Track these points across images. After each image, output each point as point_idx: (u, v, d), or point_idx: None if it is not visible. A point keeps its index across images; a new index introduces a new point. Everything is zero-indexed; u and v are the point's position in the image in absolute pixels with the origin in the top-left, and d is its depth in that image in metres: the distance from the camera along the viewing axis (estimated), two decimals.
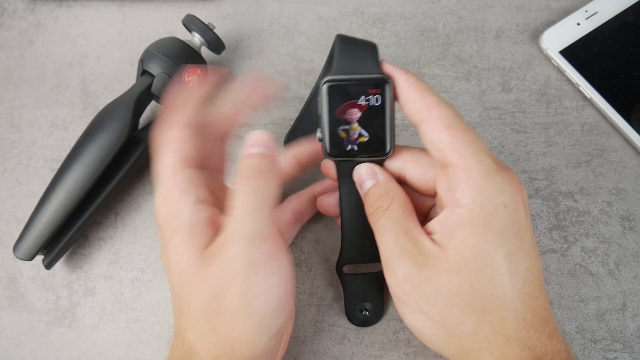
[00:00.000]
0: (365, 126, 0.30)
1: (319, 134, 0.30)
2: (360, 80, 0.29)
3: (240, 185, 0.27)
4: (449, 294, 0.26)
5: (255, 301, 0.25)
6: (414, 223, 0.28)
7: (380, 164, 0.31)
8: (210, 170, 0.30)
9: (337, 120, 0.30)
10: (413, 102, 0.28)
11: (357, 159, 0.31)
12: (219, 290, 0.25)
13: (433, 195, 0.30)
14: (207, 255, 0.26)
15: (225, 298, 0.25)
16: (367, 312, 0.34)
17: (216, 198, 0.29)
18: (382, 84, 0.29)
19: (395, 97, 0.30)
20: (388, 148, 0.30)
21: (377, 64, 0.30)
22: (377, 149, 0.30)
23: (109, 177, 0.37)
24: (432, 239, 0.27)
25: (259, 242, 0.25)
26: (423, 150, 0.31)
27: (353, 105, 0.29)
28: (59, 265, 0.38)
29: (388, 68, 0.29)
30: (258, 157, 0.28)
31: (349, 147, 0.30)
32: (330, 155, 0.31)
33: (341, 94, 0.29)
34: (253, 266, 0.25)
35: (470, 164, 0.26)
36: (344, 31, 0.44)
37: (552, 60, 0.42)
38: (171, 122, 0.29)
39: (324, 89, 0.29)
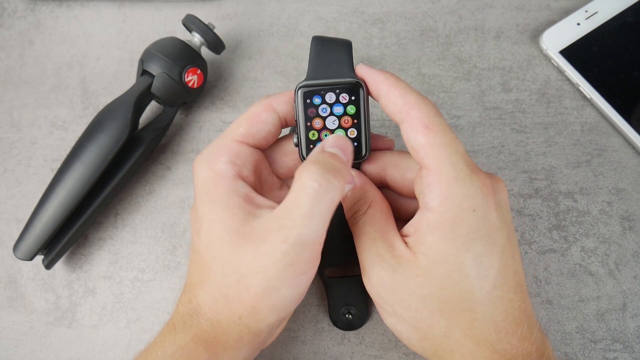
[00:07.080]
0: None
1: (295, 140, 0.30)
2: (334, 85, 0.29)
3: (310, 175, 0.25)
4: (419, 298, 0.26)
5: (278, 293, 0.26)
6: (390, 226, 0.29)
7: (357, 167, 0.31)
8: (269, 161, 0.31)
9: (313, 125, 0.30)
10: (393, 102, 0.28)
11: None
12: (248, 270, 0.26)
13: (414, 197, 0.30)
14: (246, 233, 0.26)
15: (251, 278, 0.26)
16: (350, 316, 0.34)
17: (259, 180, 0.30)
18: (356, 88, 0.29)
19: (369, 95, 0.30)
20: (364, 152, 0.30)
21: (352, 65, 0.30)
22: (354, 153, 0.30)
23: (109, 177, 0.37)
24: (406, 242, 0.28)
25: (304, 248, 0.25)
26: (402, 152, 0.30)
27: (328, 110, 0.30)
28: (59, 265, 0.38)
29: (364, 70, 0.29)
30: (338, 159, 0.27)
31: None
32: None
33: (315, 99, 0.30)
34: (289, 266, 0.25)
35: (442, 166, 0.26)
36: (344, 31, 0.44)
37: (552, 60, 0.42)
38: (267, 100, 0.30)
39: (298, 94, 0.29)
